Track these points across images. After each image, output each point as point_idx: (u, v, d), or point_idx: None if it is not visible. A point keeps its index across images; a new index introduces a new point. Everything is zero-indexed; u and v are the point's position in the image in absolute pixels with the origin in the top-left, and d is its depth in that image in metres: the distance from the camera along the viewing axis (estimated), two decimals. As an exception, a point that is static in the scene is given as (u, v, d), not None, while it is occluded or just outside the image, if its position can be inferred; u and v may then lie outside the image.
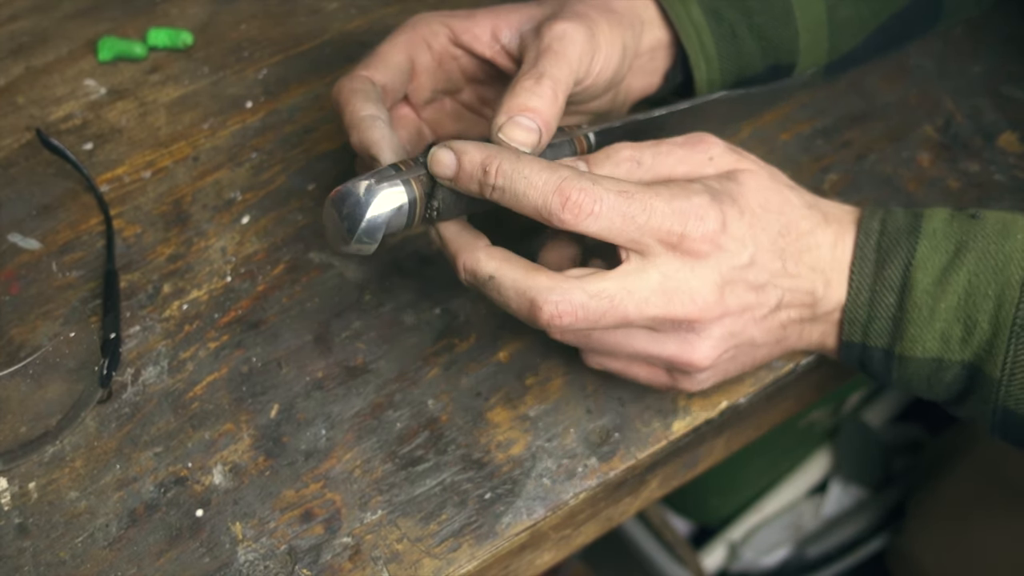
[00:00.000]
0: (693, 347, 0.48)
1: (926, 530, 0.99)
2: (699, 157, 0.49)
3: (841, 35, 0.61)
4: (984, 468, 0.92)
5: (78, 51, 0.69)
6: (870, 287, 0.48)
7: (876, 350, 0.49)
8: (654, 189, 0.46)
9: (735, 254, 0.47)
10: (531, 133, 0.47)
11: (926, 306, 0.47)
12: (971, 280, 0.47)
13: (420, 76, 0.56)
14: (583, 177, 0.45)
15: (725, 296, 0.47)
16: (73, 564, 0.49)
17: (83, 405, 0.53)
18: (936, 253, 0.48)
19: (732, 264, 0.47)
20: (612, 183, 0.45)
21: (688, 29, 0.57)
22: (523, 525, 0.51)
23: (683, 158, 0.48)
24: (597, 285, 0.45)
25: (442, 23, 0.54)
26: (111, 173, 0.63)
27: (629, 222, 0.45)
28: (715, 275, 0.46)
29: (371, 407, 0.54)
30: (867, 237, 0.49)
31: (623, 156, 0.48)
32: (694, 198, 0.46)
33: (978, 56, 0.70)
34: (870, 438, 1.16)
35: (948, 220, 0.49)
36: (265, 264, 0.59)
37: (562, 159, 0.48)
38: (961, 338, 0.47)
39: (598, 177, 0.45)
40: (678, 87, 0.61)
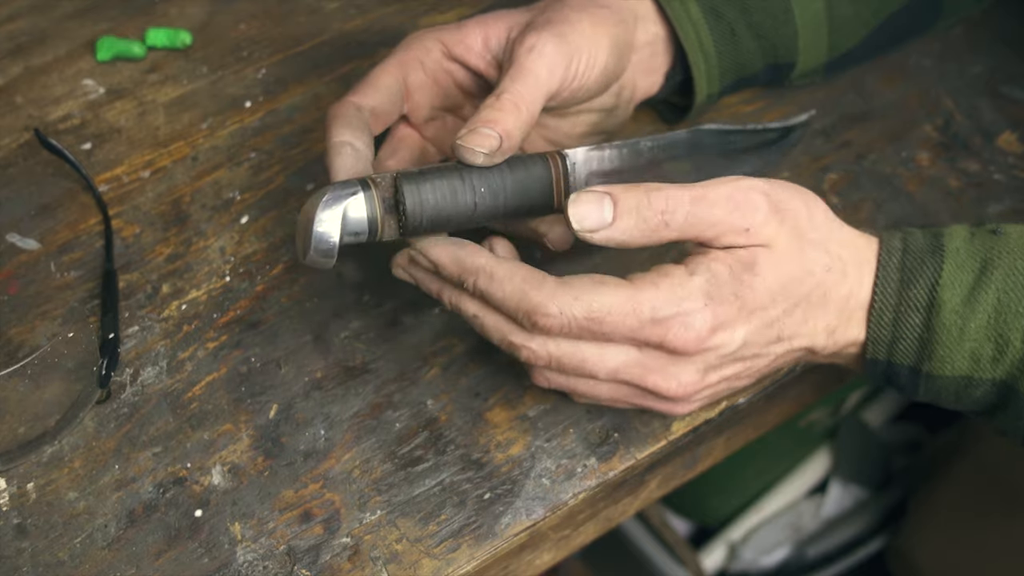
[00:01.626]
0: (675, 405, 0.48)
1: (926, 530, 0.99)
2: (738, 226, 0.45)
3: (840, 33, 0.61)
4: (984, 468, 0.92)
5: (77, 51, 0.69)
6: (894, 307, 0.47)
7: (902, 367, 0.48)
8: (639, 291, 0.44)
9: (724, 346, 0.46)
10: (489, 139, 0.48)
11: (955, 326, 0.46)
12: (1000, 298, 0.46)
13: (415, 95, 0.55)
14: (547, 299, 0.44)
15: (707, 376, 0.47)
16: (72, 564, 0.49)
17: (82, 405, 0.53)
18: (962, 272, 0.47)
19: (720, 355, 0.46)
20: (581, 300, 0.44)
21: (686, 27, 0.57)
22: (522, 525, 0.51)
23: (719, 222, 0.45)
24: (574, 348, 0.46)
25: (435, 39, 0.54)
26: (110, 173, 0.63)
27: (598, 334, 0.45)
28: (698, 366, 0.46)
29: (370, 407, 0.54)
30: (889, 256, 0.48)
31: (655, 210, 0.44)
32: (685, 303, 0.44)
33: (978, 56, 0.70)
34: (870, 438, 1.16)
35: (970, 238, 0.48)
36: (264, 264, 0.59)
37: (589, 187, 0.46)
38: (992, 357, 0.46)
39: (562, 298, 0.44)
40: (678, 86, 0.61)
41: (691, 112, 0.62)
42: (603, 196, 0.45)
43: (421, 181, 0.47)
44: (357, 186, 0.46)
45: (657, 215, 0.44)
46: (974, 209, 0.63)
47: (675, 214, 0.45)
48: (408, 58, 0.54)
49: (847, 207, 0.62)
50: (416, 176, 0.47)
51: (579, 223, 0.44)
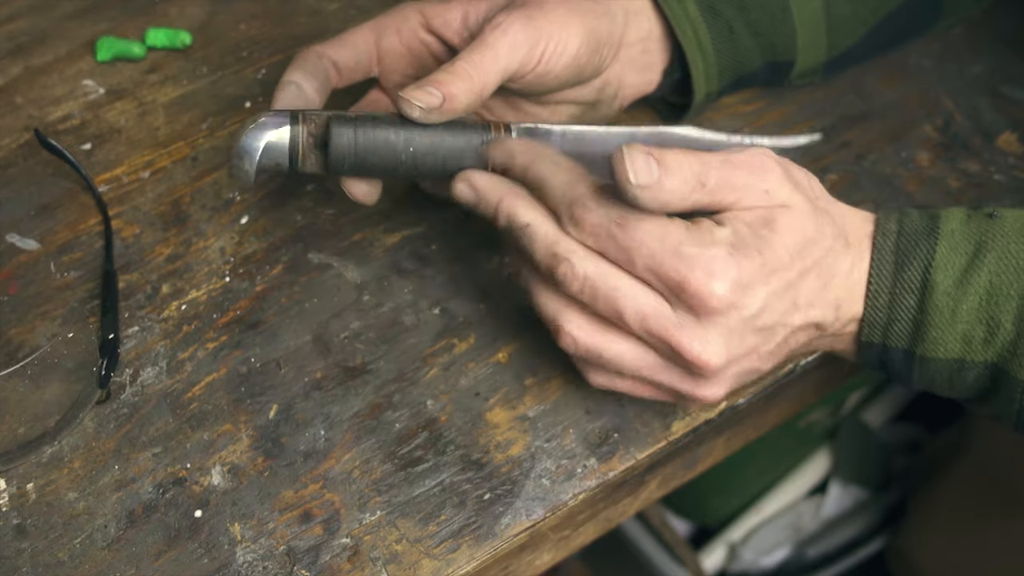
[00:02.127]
0: (698, 385, 0.48)
1: (926, 530, 0.99)
2: (758, 188, 0.46)
3: (839, 32, 0.61)
4: (984, 469, 0.92)
5: (77, 51, 0.69)
6: (889, 289, 0.48)
7: (896, 351, 0.49)
8: (671, 222, 0.45)
9: (745, 307, 0.45)
10: (430, 96, 0.49)
11: (947, 308, 0.47)
12: (992, 281, 0.46)
13: (386, 59, 0.57)
14: (591, 193, 0.46)
15: (731, 344, 0.46)
16: (72, 565, 0.49)
17: (81, 406, 0.53)
18: (955, 254, 0.47)
19: (742, 316, 0.46)
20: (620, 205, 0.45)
21: (684, 25, 0.57)
22: (522, 526, 0.51)
23: (743, 184, 0.46)
24: (611, 272, 0.46)
25: (415, 9, 0.56)
26: (109, 173, 0.63)
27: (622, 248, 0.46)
28: (721, 330, 0.46)
29: (370, 407, 0.54)
30: (885, 238, 0.48)
31: (691, 173, 0.45)
32: (711, 248, 0.45)
33: (977, 56, 0.70)
34: (870, 438, 1.16)
35: (965, 220, 0.48)
36: (264, 264, 0.59)
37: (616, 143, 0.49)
38: (984, 339, 0.47)
39: (604, 197, 0.45)
40: (676, 84, 0.61)
41: (690, 111, 0.62)
42: (649, 154, 0.44)
43: (354, 125, 0.50)
44: (286, 117, 0.50)
45: (695, 176, 0.45)
46: (974, 209, 0.63)
47: (709, 176, 0.45)
48: (385, 23, 0.56)
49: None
50: (350, 120, 0.50)
51: (636, 177, 0.44)
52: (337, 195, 0.62)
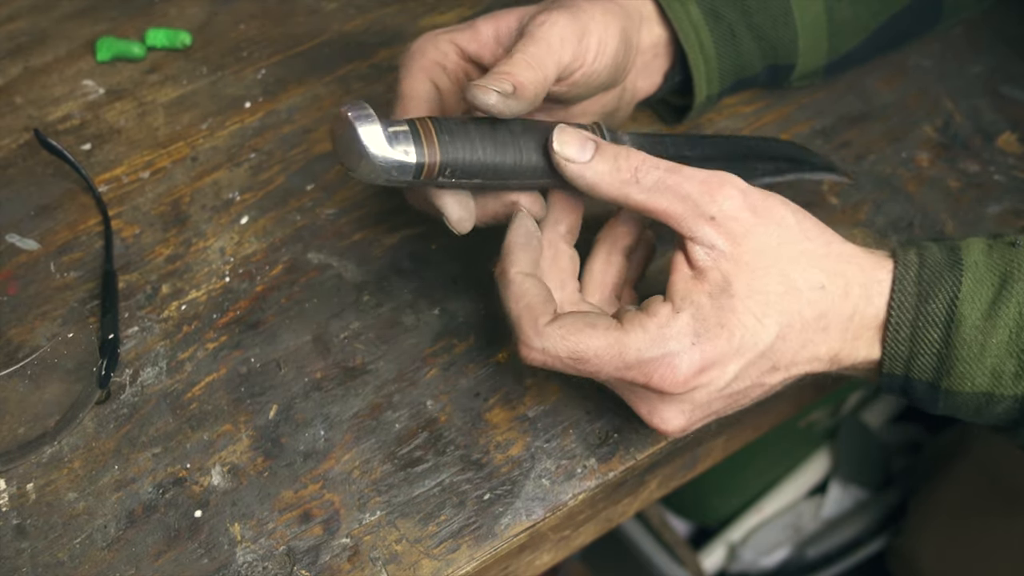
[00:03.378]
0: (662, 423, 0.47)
1: (926, 530, 0.99)
2: (704, 209, 0.45)
3: (840, 36, 0.61)
4: (984, 469, 0.92)
5: (76, 51, 0.69)
6: (911, 323, 0.46)
7: (920, 383, 0.47)
8: (626, 334, 0.44)
9: (713, 383, 0.45)
10: (503, 82, 0.47)
11: (976, 342, 0.45)
12: (1022, 312, 0.44)
13: (445, 99, 0.54)
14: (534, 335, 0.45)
15: (694, 414, 0.46)
16: (71, 565, 0.49)
17: (81, 406, 0.53)
18: (982, 286, 0.45)
19: (709, 391, 0.45)
20: (568, 340, 0.45)
21: (687, 28, 0.57)
22: (522, 526, 0.51)
23: (687, 197, 0.45)
24: (581, 347, 0.45)
25: (448, 40, 0.53)
26: (109, 173, 0.63)
27: (583, 371, 0.46)
28: (686, 405, 0.46)
29: (370, 408, 0.54)
30: (906, 270, 0.46)
31: (631, 164, 0.46)
32: (671, 343, 0.44)
33: (977, 56, 0.70)
34: (870, 438, 1.16)
35: (987, 251, 0.46)
36: (264, 264, 0.59)
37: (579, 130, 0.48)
38: (1015, 373, 0.45)
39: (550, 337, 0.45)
40: (676, 86, 0.61)
41: (691, 113, 0.62)
42: (588, 139, 0.46)
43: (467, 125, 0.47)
44: (409, 130, 0.45)
45: (631, 169, 0.45)
46: (974, 209, 0.63)
47: (648, 174, 0.45)
48: (428, 63, 0.53)
49: (847, 208, 0.62)
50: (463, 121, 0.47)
51: (560, 147, 0.46)
52: (337, 195, 0.62)
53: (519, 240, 0.48)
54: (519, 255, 0.48)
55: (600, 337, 0.45)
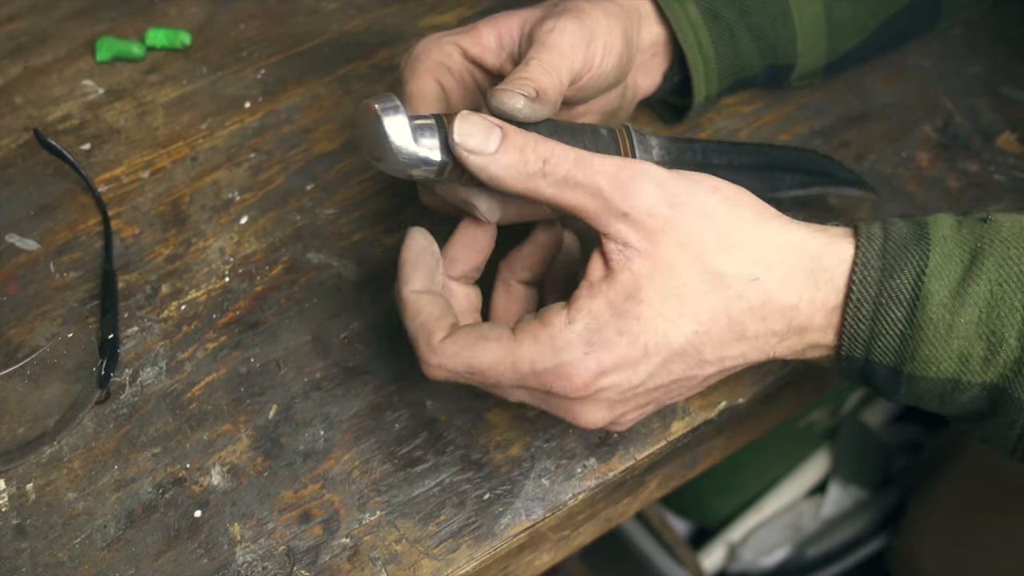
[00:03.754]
0: (585, 422, 0.46)
1: (925, 530, 0.99)
2: (616, 206, 0.43)
3: (839, 36, 0.61)
4: (983, 468, 0.92)
5: (76, 51, 0.69)
6: (873, 299, 0.43)
7: (881, 367, 0.44)
8: (518, 345, 0.43)
9: (619, 385, 0.44)
10: (527, 87, 0.46)
11: (943, 322, 0.42)
12: (993, 291, 0.41)
13: (451, 100, 0.54)
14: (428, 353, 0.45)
15: (616, 408, 0.45)
16: (71, 565, 0.49)
17: (81, 406, 0.53)
18: (950, 262, 0.42)
19: (620, 391, 0.44)
20: (460, 356, 0.44)
21: (685, 28, 0.57)
22: (522, 526, 0.51)
23: (597, 192, 0.43)
24: (474, 361, 0.44)
25: (451, 42, 0.53)
26: (109, 173, 0.63)
27: (485, 384, 0.45)
28: (599, 404, 0.45)
29: (370, 408, 0.54)
30: (869, 242, 0.44)
31: (539, 155, 0.43)
32: (562, 354, 0.43)
33: (977, 56, 0.70)
34: (869, 438, 1.16)
35: (957, 226, 0.44)
36: (263, 264, 0.59)
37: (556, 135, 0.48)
38: (983, 357, 0.42)
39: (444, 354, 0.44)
40: (676, 86, 0.61)
41: (690, 113, 0.62)
42: (494, 125, 0.44)
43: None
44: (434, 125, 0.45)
45: (539, 162, 0.43)
46: (974, 209, 0.63)
47: (556, 167, 0.43)
48: (433, 64, 0.53)
49: (846, 208, 0.62)
50: None
51: (461, 138, 0.43)
52: (337, 195, 0.62)
53: (410, 257, 0.47)
54: (411, 274, 0.47)
55: (492, 351, 0.44)
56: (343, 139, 0.65)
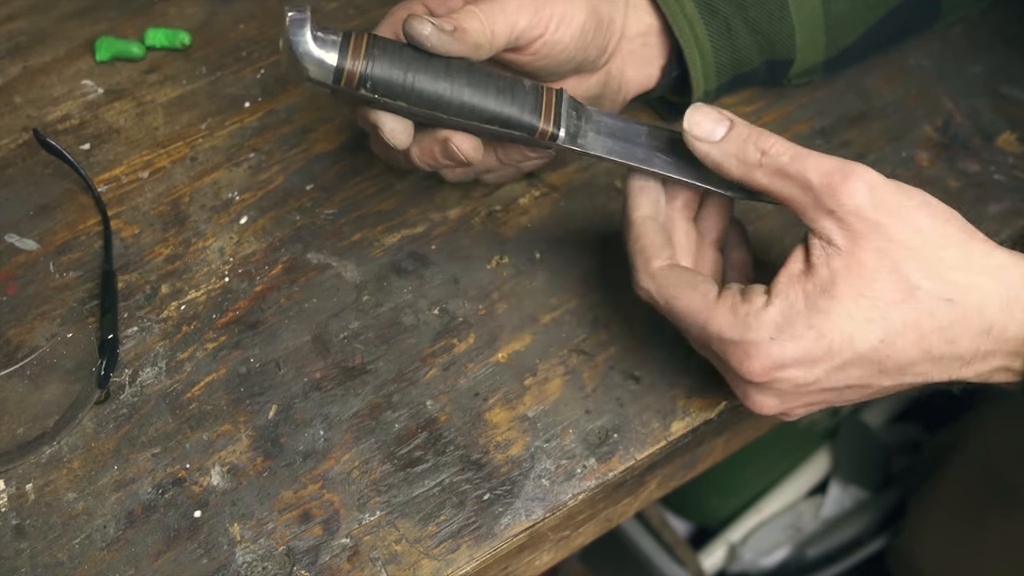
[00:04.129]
0: (752, 405, 0.48)
1: (926, 530, 0.99)
2: (824, 202, 0.44)
3: (838, 30, 0.61)
4: (983, 468, 0.92)
5: (76, 51, 0.69)
6: None
7: None
8: (716, 309, 0.45)
9: (794, 379, 0.45)
10: (443, 21, 0.48)
11: None
12: None
13: None
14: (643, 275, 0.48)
15: (786, 401, 0.46)
16: (71, 565, 0.49)
17: (81, 406, 0.53)
18: None
19: (794, 384, 0.45)
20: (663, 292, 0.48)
21: (681, 22, 0.57)
22: (522, 526, 0.51)
23: (808, 187, 0.44)
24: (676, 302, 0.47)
25: (419, 2, 0.54)
26: (109, 173, 0.63)
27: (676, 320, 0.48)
28: (770, 393, 0.46)
29: (369, 408, 0.54)
30: None
31: (760, 147, 0.46)
32: (749, 334, 0.44)
33: (977, 56, 0.70)
34: (870, 438, 1.16)
35: None
36: (263, 264, 0.59)
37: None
38: None
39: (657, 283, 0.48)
40: (674, 81, 0.61)
41: None
42: (724, 116, 0.47)
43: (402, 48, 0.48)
44: (337, 39, 0.48)
45: (757, 153, 0.46)
46: (974, 209, 0.63)
47: (775, 159, 0.45)
48: (396, 20, 0.54)
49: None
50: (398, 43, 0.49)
51: (691, 127, 0.47)
52: (337, 195, 0.62)
53: (638, 183, 0.50)
54: (639, 198, 0.50)
55: (695, 301, 0.46)
56: (343, 139, 0.65)
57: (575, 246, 0.60)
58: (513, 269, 0.60)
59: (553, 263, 0.60)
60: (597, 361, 0.56)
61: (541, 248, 0.60)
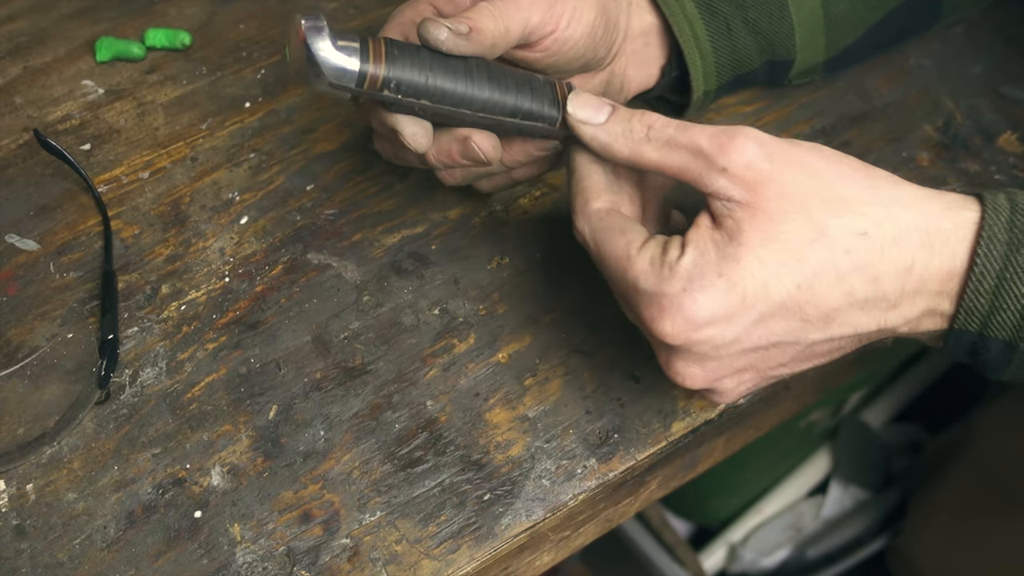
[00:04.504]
0: (676, 376, 0.46)
1: (926, 530, 0.99)
2: (715, 160, 0.43)
3: (838, 31, 0.61)
4: (984, 468, 0.92)
5: (76, 51, 0.69)
6: (997, 273, 0.42)
7: (995, 341, 0.43)
8: (636, 259, 0.44)
9: (708, 340, 0.43)
10: (459, 24, 0.48)
11: None
12: None
13: None
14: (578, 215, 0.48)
15: (711, 370, 0.45)
16: (71, 566, 0.49)
17: (81, 406, 0.53)
18: None
19: (714, 346, 0.43)
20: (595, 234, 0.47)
21: (681, 22, 0.57)
22: (522, 526, 0.51)
23: (699, 152, 0.44)
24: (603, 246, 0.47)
25: (426, 2, 0.54)
26: (109, 174, 0.63)
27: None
28: (690, 359, 0.45)
29: (370, 408, 0.54)
30: (996, 213, 0.42)
31: (644, 123, 0.46)
32: (664, 285, 0.43)
33: (977, 56, 0.70)
34: (870, 439, 1.16)
35: None
36: (263, 265, 0.59)
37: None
38: None
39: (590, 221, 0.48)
40: (675, 81, 0.61)
41: (688, 109, 0.62)
42: (605, 102, 0.48)
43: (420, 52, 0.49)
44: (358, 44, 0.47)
45: (644, 128, 0.46)
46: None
47: (661, 131, 0.46)
48: (405, 20, 0.54)
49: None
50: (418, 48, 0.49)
51: (574, 110, 0.48)
52: (337, 195, 0.62)
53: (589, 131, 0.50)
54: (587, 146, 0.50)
55: (619, 248, 0.46)
56: (343, 139, 0.65)
57: (575, 246, 0.60)
58: (513, 269, 0.60)
59: (553, 263, 0.60)
60: (597, 361, 0.56)
61: (541, 248, 0.60)
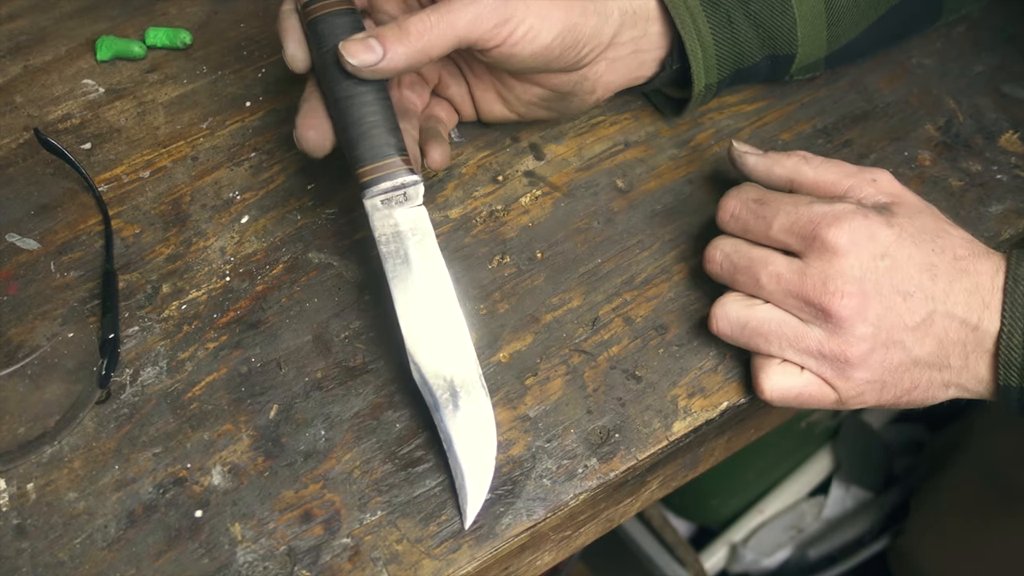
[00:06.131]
0: (841, 338, 0.49)
1: (928, 530, 0.99)
2: (865, 176, 0.52)
3: (840, 25, 0.61)
4: (985, 468, 0.92)
5: (76, 50, 0.69)
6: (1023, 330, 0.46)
7: None
8: (800, 198, 0.51)
9: (872, 252, 0.48)
10: (370, 53, 0.50)
11: None
12: None
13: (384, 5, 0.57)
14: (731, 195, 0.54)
15: (865, 287, 0.48)
16: (72, 565, 0.49)
17: (81, 406, 0.53)
18: None
19: (871, 255, 0.48)
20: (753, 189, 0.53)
21: (683, 14, 0.57)
22: (523, 526, 0.51)
23: (849, 174, 0.52)
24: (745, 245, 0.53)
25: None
26: (109, 173, 0.63)
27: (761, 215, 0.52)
28: (853, 265, 0.48)
29: (370, 407, 0.54)
30: (1020, 263, 0.47)
31: (796, 154, 0.54)
32: (836, 205, 0.49)
33: (979, 55, 0.70)
34: (871, 439, 1.16)
35: None
36: (264, 264, 0.59)
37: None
38: None
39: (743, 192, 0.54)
40: (675, 74, 0.61)
41: (689, 104, 0.61)
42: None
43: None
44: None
45: (798, 156, 0.54)
46: (976, 209, 0.63)
47: (814, 158, 0.54)
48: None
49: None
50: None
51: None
52: (338, 195, 0.62)
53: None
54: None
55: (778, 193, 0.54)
56: (344, 138, 0.65)
57: (576, 245, 0.60)
58: (514, 268, 0.59)
59: (554, 262, 0.60)
60: (598, 361, 0.56)
61: (542, 247, 0.60)
